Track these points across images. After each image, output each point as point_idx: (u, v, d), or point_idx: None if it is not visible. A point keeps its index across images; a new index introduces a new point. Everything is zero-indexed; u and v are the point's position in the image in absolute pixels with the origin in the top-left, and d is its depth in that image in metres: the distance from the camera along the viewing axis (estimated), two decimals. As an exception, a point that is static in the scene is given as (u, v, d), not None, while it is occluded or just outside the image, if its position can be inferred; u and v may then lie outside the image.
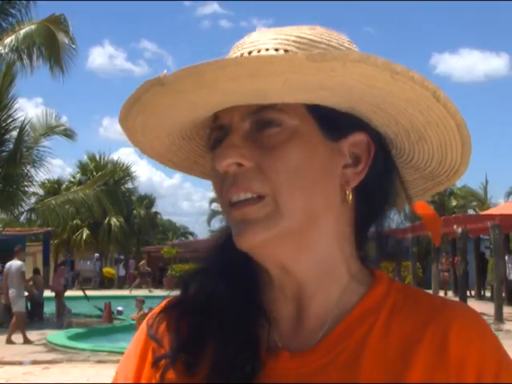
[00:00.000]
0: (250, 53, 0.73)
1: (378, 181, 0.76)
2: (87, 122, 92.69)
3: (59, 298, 15.61)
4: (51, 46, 16.15)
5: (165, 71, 0.65)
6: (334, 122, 0.73)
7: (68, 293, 16.88)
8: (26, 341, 11.80)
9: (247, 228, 0.70)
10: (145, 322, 0.84)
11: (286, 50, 0.71)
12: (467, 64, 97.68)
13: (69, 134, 17.51)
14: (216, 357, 0.74)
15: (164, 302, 0.85)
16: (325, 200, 0.73)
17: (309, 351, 0.73)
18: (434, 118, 0.71)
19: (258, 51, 0.72)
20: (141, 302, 12.22)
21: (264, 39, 0.73)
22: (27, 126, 15.73)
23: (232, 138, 0.72)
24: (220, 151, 0.72)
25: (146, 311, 12.25)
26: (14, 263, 12.71)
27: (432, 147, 0.76)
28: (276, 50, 0.71)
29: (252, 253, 0.73)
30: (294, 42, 0.72)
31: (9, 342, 11.73)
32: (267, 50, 0.71)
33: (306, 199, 0.71)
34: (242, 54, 0.73)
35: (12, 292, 12.33)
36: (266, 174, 0.70)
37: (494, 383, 0.69)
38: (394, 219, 0.82)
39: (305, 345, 0.74)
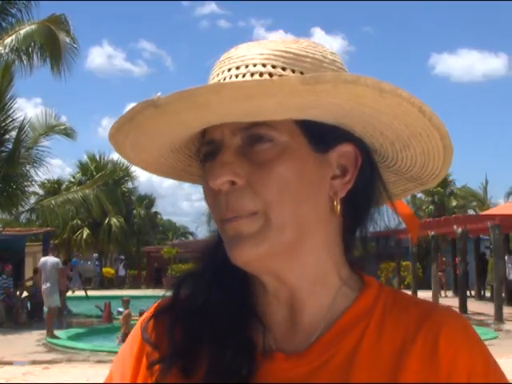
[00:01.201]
0: (237, 68, 0.74)
1: (364, 189, 0.79)
2: (86, 122, 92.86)
3: (62, 297, 15.71)
4: (52, 46, 16.14)
5: (159, 93, 0.66)
6: (322, 135, 0.74)
7: (68, 293, 16.89)
8: (52, 335, 12.01)
9: (240, 243, 0.72)
10: (138, 324, 0.84)
11: (273, 66, 0.73)
12: (466, 64, 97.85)
13: (69, 133, 17.48)
14: (212, 360, 0.75)
15: (156, 305, 0.85)
16: (315, 212, 0.75)
17: (303, 353, 0.75)
18: (418, 130, 0.73)
19: (246, 66, 0.74)
20: (127, 301, 12.26)
21: (251, 54, 0.74)
22: (27, 126, 15.74)
23: (224, 155, 0.73)
24: (213, 169, 0.73)
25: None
26: (50, 259, 13.15)
27: (415, 155, 0.79)
28: (263, 65, 0.73)
29: (245, 267, 0.74)
30: (280, 56, 0.73)
31: (53, 336, 11.99)
32: (255, 65, 0.73)
33: (296, 213, 0.73)
34: (229, 69, 0.75)
35: (46, 287, 12.65)
36: (257, 190, 0.71)
37: None
38: (394, 219, 0.84)
39: (298, 347, 0.75)
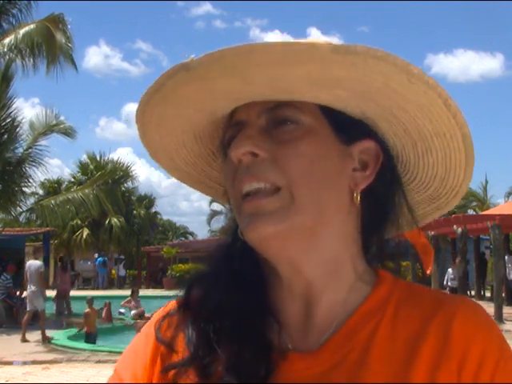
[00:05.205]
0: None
1: (385, 189, 0.78)
2: (84, 123, 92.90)
3: (66, 297, 15.77)
4: (49, 46, 16.08)
5: (192, 56, 0.66)
6: (346, 127, 0.75)
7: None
8: (45, 338, 11.86)
9: (258, 220, 0.71)
10: (151, 324, 0.83)
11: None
12: (462, 64, 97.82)
13: (69, 132, 17.41)
14: (229, 361, 0.74)
15: (169, 305, 0.84)
16: (335, 198, 0.74)
17: (318, 351, 0.74)
18: (442, 127, 0.72)
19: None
20: (90, 301, 12.24)
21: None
22: (27, 126, 15.75)
23: (248, 130, 0.74)
24: (236, 142, 0.73)
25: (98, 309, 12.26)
26: (34, 263, 12.96)
27: (437, 160, 0.78)
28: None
29: (261, 246, 0.73)
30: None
31: (46, 339, 11.84)
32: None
33: (319, 195, 0.72)
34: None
35: (30, 290, 12.48)
36: (282, 166, 0.71)
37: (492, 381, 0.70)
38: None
39: (313, 344, 0.75)
